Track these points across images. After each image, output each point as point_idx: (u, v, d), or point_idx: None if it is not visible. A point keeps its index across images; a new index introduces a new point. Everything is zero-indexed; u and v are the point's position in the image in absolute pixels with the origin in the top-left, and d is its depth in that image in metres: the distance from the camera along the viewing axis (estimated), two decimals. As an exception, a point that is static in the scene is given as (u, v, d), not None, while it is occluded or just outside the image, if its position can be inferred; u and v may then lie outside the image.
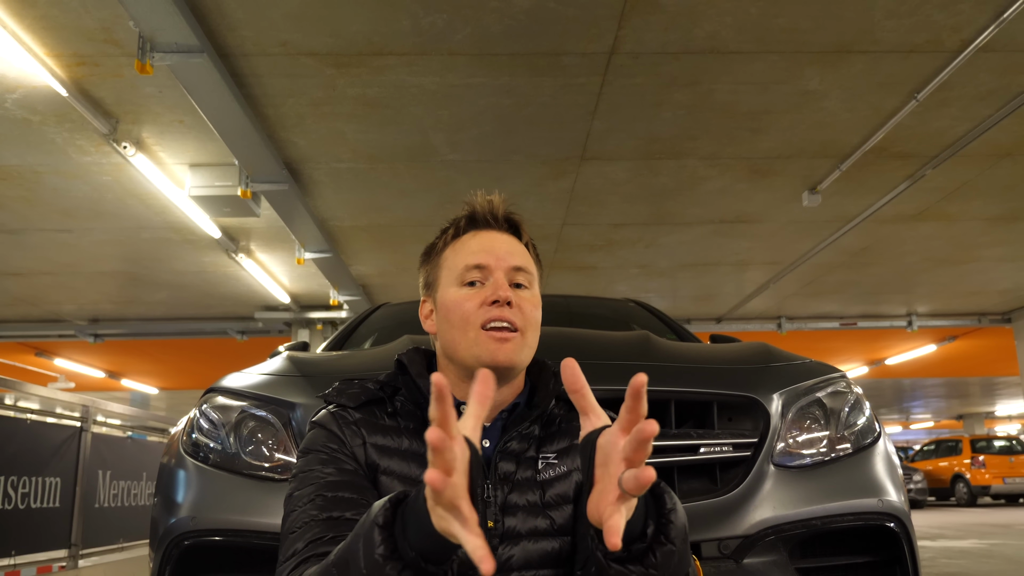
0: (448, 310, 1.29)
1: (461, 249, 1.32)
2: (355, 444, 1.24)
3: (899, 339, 13.57)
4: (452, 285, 1.30)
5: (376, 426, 1.26)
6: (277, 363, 2.15)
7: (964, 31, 4.44)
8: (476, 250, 1.30)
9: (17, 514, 4.40)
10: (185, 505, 1.86)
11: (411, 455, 1.25)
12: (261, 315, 10.83)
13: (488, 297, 1.26)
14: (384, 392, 1.31)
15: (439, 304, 1.32)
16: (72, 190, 6.48)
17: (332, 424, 1.26)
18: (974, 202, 7.22)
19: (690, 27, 4.39)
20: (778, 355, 2.20)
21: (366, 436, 1.25)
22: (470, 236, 1.34)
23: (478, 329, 1.25)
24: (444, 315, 1.30)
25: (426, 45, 4.53)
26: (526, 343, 1.27)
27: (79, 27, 4.24)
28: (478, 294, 1.27)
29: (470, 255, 1.30)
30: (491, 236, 1.33)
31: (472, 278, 1.28)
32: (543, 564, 1.23)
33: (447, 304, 1.29)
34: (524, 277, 1.31)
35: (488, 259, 1.29)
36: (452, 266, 1.32)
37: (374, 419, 1.27)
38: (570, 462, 1.31)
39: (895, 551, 1.88)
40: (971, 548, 7.56)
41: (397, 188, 6.63)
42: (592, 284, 9.72)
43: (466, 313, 1.26)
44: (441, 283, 1.33)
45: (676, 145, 5.91)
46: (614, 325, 3.24)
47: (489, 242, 1.32)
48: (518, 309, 1.26)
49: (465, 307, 1.26)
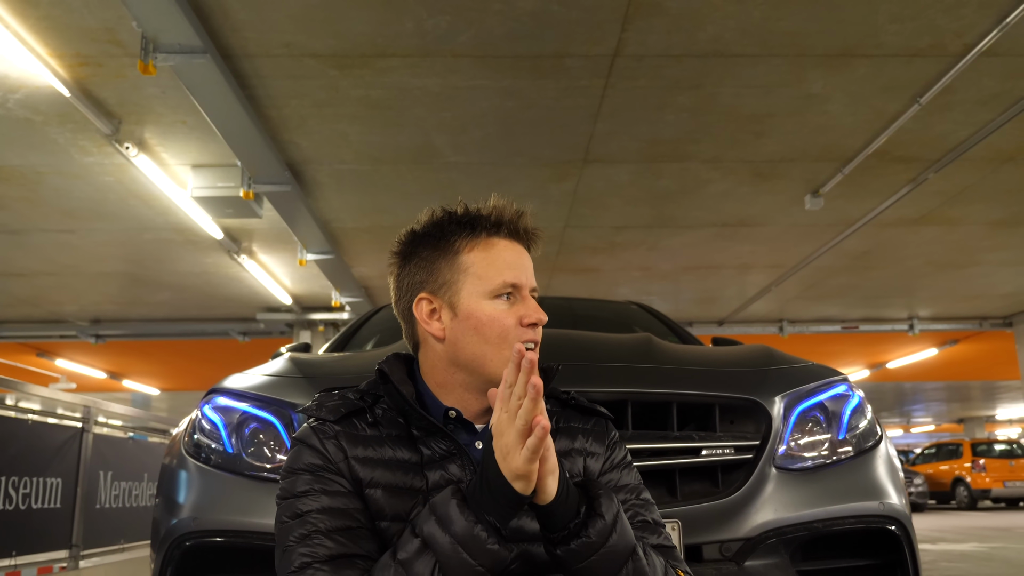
0: (481, 323, 1.26)
1: (495, 260, 1.28)
2: (339, 459, 1.22)
3: (900, 343, 13.56)
4: (484, 297, 1.27)
5: (357, 438, 1.24)
6: (279, 364, 2.15)
7: (967, 35, 4.44)
8: (512, 265, 1.29)
9: (18, 514, 4.40)
10: (187, 506, 1.86)
11: (395, 464, 1.23)
12: (263, 316, 10.83)
13: (525, 318, 1.26)
14: (365, 401, 1.29)
15: (463, 312, 1.27)
16: (74, 191, 6.49)
17: (313, 439, 1.24)
18: (976, 206, 7.21)
19: (693, 30, 4.39)
20: (780, 358, 2.20)
21: (348, 450, 1.23)
22: (503, 246, 1.30)
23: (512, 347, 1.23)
24: (474, 326, 1.26)
25: (429, 47, 4.54)
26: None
27: (82, 27, 4.25)
28: (514, 311, 1.27)
29: (507, 270, 1.28)
30: (518, 251, 1.31)
31: (507, 292, 1.27)
32: (542, 568, 1.22)
33: (479, 316, 1.26)
34: (535, 295, 1.33)
35: (521, 279, 1.29)
36: (483, 276, 1.27)
37: (354, 431, 1.25)
38: (571, 468, 1.30)
39: (896, 554, 1.88)
40: (971, 551, 7.55)
41: (399, 190, 6.64)
42: (594, 287, 9.72)
43: (505, 330, 1.25)
44: (464, 290, 1.27)
45: (679, 148, 5.91)
46: (616, 328, 3.23)
47: (519, 257, 1.31)
48: (540, 328, 1.30)
49: (505, 323, 1.26)
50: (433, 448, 1.25)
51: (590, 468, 1.33)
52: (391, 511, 1.20)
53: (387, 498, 1.20)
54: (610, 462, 1.35)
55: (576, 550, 1.11)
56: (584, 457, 1.33)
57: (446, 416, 1.26)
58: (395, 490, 1.21)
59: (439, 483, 1.22)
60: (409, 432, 1.26)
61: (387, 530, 1.19)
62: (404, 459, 1.23)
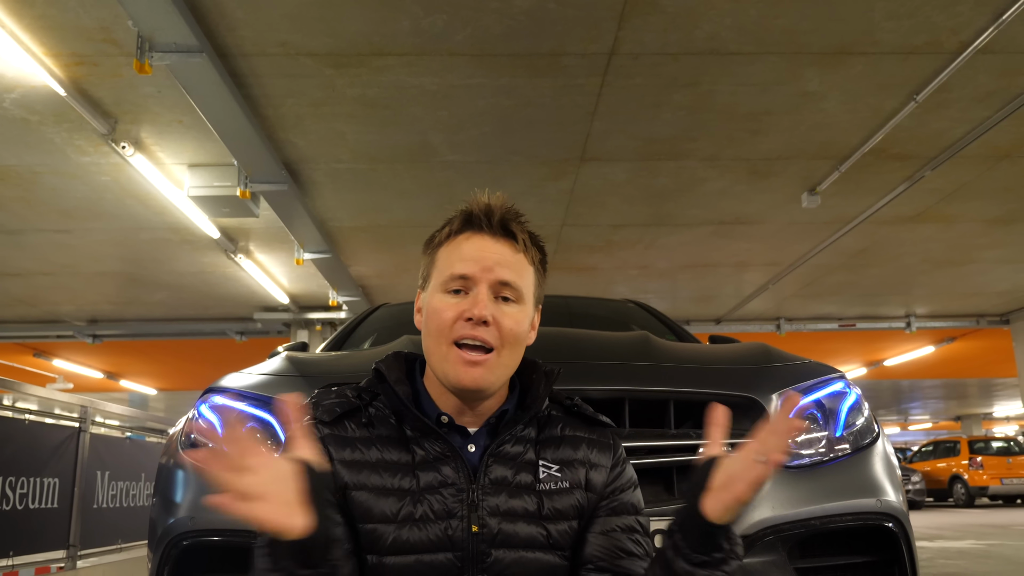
0: (428, 316, 1.26)
1: (453, 252, 1.27)
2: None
3: (897, 340, 13.58)
4: (438, 290, 1.26)
5: (344, 440, 1.23)
6: (276, 363, 2.15)
7: (963, 33, 4.45)
8: (465, 257, 1.25)
9: (15, 514, 4.39)
10: (184, 505, 1.85)
11: (383, 465, 1.22)
12: (260, 316, 10.82)
13: (465, 312, 1.21)
14: (362, 399, 1.28)
15: (425, 305, 1.29)
16: (71, 190, 6.48)
17: None
18: (973, 204, 7.22)
19: (690, 28, 4.39)
20: (777, 355, 2.20)
21: (333, 453, 1.21)
22: (464, 238, 1.27)
23: (450, 344, 1.22)
24: (426, 319, 1.27)
25: (426, 45, 4.53)
26: (500, 363, 1.23)
27: (77, 26, 4.24)
28: (458, 305, 1.23)
29: (458, 262, 1.25)
30: (483, 243, 1.26)
31: (456, 287, 1.24)
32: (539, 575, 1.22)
33: (429, 309, 1.26)
34: (511, 292, 1.25)
35: (473, 269, 1.23)
36: (441, 268, 1.27)
37: (343, 433, 1.24)
38: (572, 477, 1.27)
39: (893, 551, 1.88)
40: (969, 549, 7.56)
41: (396, 189, 6.63)
42: (591, 285, 9.71)
43: (442, 324, 1.22)
44: (431, 283, 1.29)
45: (676, 146, 5.91)
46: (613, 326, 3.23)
47: (479, 250, 1.25)
48: (495, 327, 1.21)
49: (443, 316, 1.23)
50: (427, 449, 1.24)
51: (593, 480, 1.29)
52: (378, 512, 1.19)
53: (374, 500, 1.20)
54: (617, 483, 1.31)
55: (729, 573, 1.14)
56: (587, 468, 1.29)
57: (438, 419, 1.25)
58: (382, 491, 1.20)
59: (432, 484, 1.22)
60: (401, 432, 1.25)
61: (373, 531, 1.19)
62: (393, 460, 1.22)
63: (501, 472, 1.24)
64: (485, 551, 1.20)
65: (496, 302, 1.24)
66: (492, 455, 1.25)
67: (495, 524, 1.21)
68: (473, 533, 1.20)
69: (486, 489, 1.22)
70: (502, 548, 1.20)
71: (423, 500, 1.21)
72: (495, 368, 1.23)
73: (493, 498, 1.22)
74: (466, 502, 1.21)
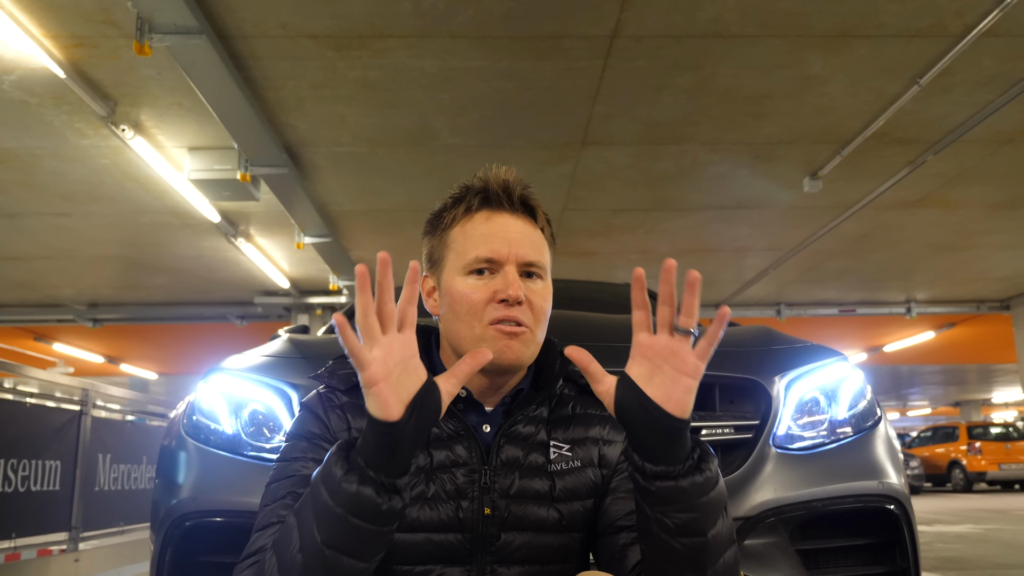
0: (454, 300, 1.22)
1: (472, 232, 1.24)
2: (340, 429, 1.21)
3: (898, 326, 13.58)
4: (459, 272, 1.22)
5: (362, 409, 1.20)
6: (278, 345, 2.15)
7: (967, 16, 4.42)
8: (488, 238, 1.22)
9: (17, 497, 4.40)
10: (186, 486, 1.86)
11: None
12: (260, 300, 10.82)
13: (498, 294, 1.19)
14: None
15: (444, 289, 1.25)
16: (70, 173, 6.46)
17: (319, 407, 1.23)
18: (974, 189, 7.20)
19: (693, 10, 4.36)
20: (780, 338, 2.20)
21: (351, 421, 1.21)
22: (484, 217, 1.24)
23: (485, 325, 1.19)
24: (449, 303, 1.23)
25: (427, 28, 4.50)
26: (534, 339, 1.22)
27: (77, 7, 4.21)
28: (487, 286, 1.20)
29: (482, 243, 1.21)
30: (504, 221, 1.24)
31: (481, 267, 1.21)
32: (549, 559, 1.20)
33: (453, 293, 1.22)
34: (536, 268, 1.24)
35: (500, 251, 1.21)
36: (461, 250, 1.23)
37: (361, 401, 1.22)
38: (584, 455, 1.26)
39: (895, 533, 1.89)
40: (967, 533, 7.60)
41: (397, 172, 6.61)
42: (592, 269, 9.71)
43: (474, 306, 1.19)
44: (447, 265, 1.25)
45: (677, 130, 5.89)
46: (615, 309, 3.23)
47: (502, 229, 1.23)
48: (527, 305, 1.20)
49: (473, 299, 1.20)
50: (441, 427, 1.23)
51: (606, 456, 1.28)
52: None
53: None
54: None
55: (702, 483, 1.01)
56: (600, 445, 1.29)
57: (459, 399, 1.23)
58: None
59: (443, 463, 1.21)
60: None
61: None
62: None
63: (513, 453, 1.23)
64: (495, 533, 1.19)
65: (523, 280, 1.22)
66: (504, 435, 1.24)
67: (506, 506, 1.20)
68: (485, 515, 1.19)
69: (498, 470, 1.21)
70: (512, 531, 1.20)
71: (436, 479, 1.20)
72: (530, 344, 1.21)
73: (505, 480, 1.21)
74: (478, 483, 1.20)
